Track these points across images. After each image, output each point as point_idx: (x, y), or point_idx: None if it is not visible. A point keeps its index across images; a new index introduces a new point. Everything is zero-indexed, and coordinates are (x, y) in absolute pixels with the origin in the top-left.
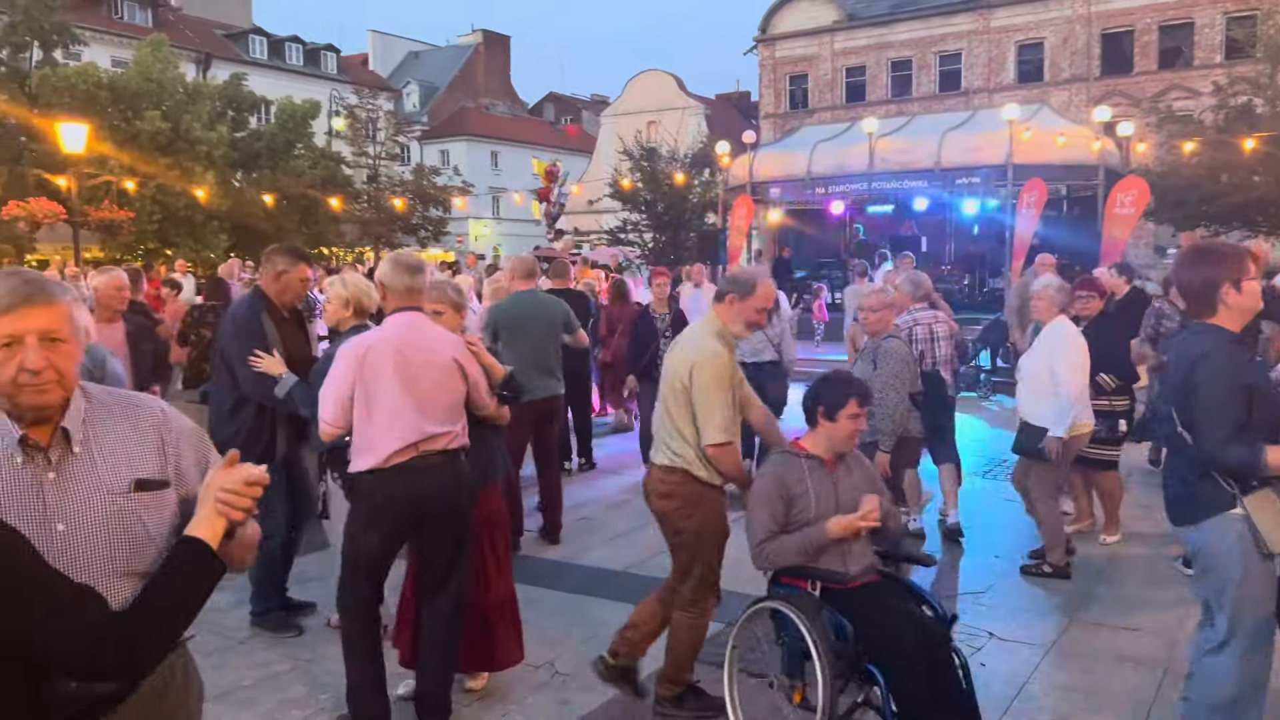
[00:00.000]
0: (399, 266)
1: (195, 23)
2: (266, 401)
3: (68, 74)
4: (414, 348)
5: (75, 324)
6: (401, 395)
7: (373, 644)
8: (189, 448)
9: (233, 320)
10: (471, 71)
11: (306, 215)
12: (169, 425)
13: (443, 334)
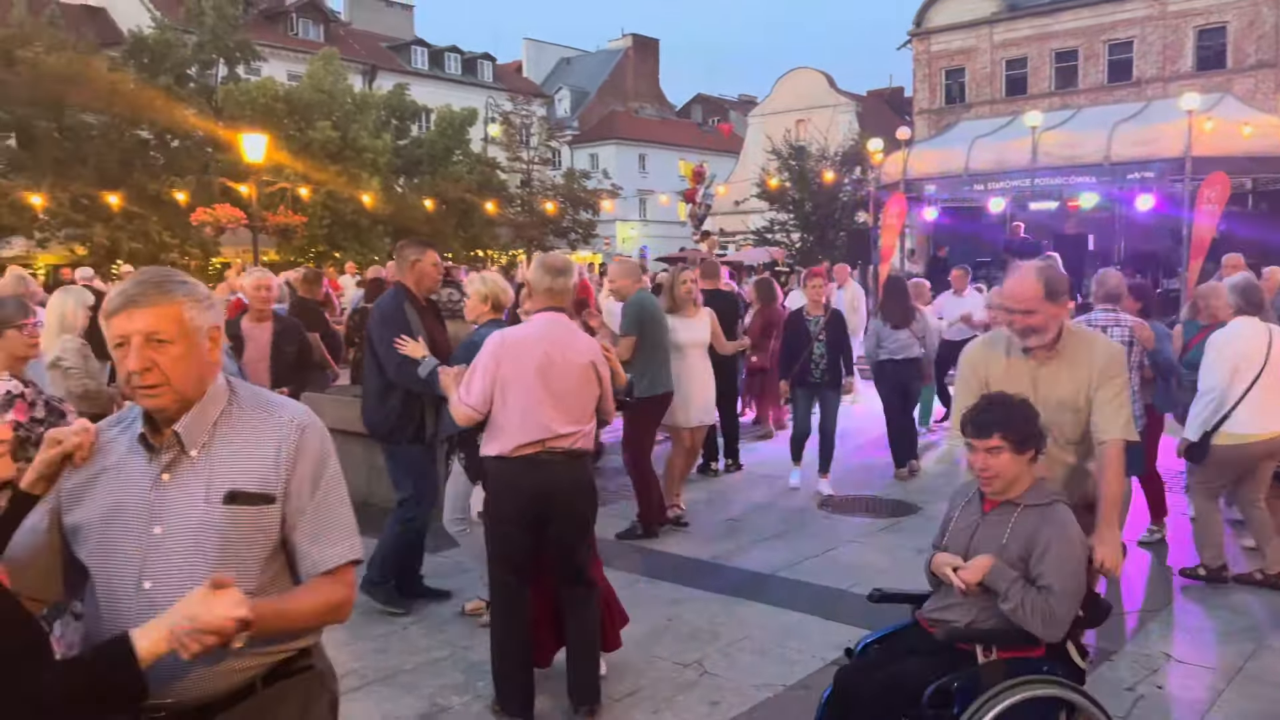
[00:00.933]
0: (543, 268)
1: (362, 36)
2: (412, 385)
3: (249, 88)
4: (558, 347)
5: (186, 325)
6: (538, 391)
7: (518, 630)
8: (308, 464)
9: (379, 311)
10: (621, 76)
11: (463, 219)
12: (290, 437)
13: (584, 337)
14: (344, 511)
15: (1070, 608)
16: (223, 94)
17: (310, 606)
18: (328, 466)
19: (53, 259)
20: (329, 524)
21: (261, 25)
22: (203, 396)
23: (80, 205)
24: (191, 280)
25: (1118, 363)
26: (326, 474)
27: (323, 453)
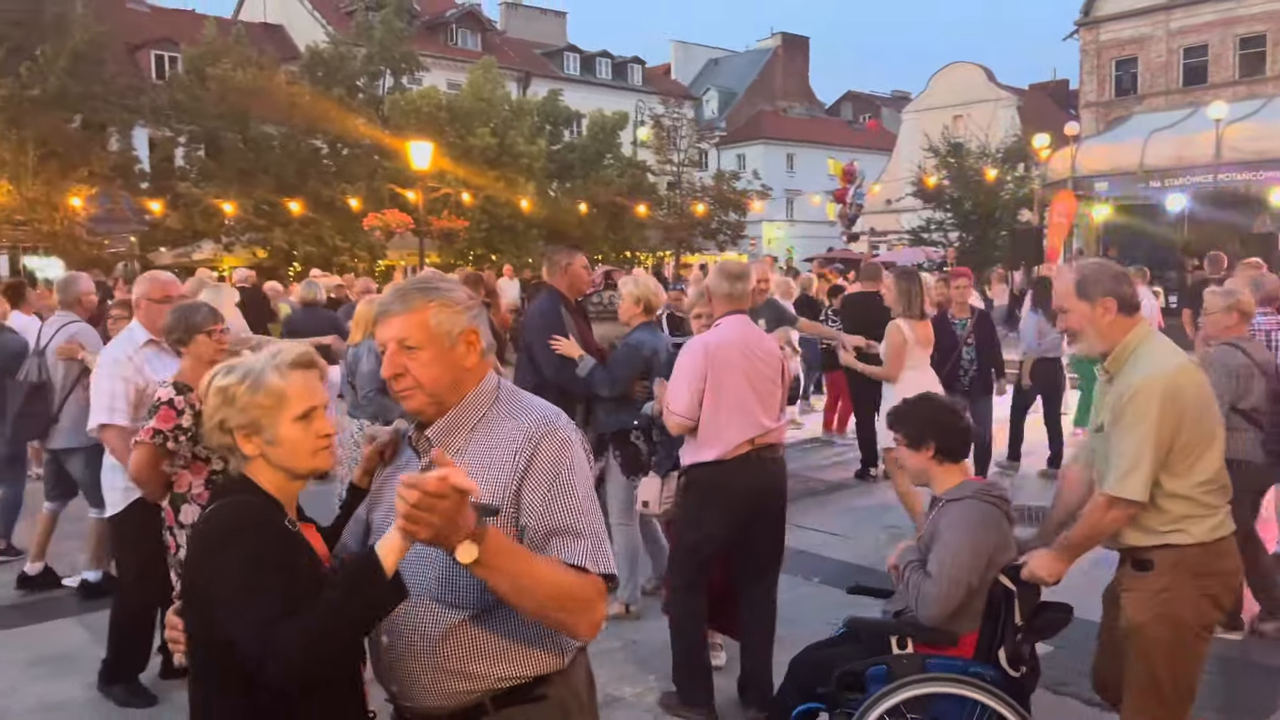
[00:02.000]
0: (722, 274)
1: (517, 44)
2: (569, 384)
3: (413, 98)
4: (753, 347)
5: (433, 331)
6: (746, 391)
7: (699, 624)
8: (539, 475)
9: (537, 313)
10: (769, 75)
11: (613, 222)
12: (524, 450)
13: (768, 337)
14: (584, 521)
15: (944, 593)
16: (389, 104)
17: (549, 576)
18: (559, 478)
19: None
20: (565, 531)
21: (423, 36)
22: (461, 400)
23: (261, 211)
24: (447, 286)
25: (1142, 401)
26: (559, 484)
27: (556, 464)
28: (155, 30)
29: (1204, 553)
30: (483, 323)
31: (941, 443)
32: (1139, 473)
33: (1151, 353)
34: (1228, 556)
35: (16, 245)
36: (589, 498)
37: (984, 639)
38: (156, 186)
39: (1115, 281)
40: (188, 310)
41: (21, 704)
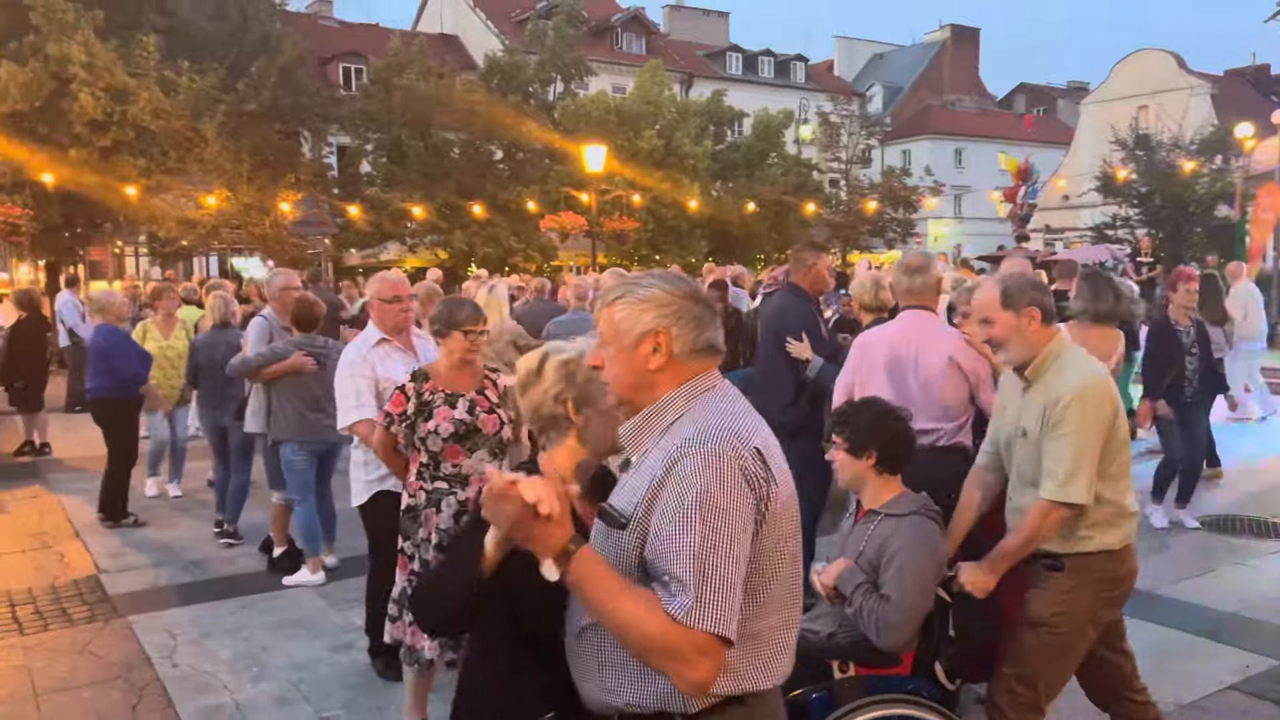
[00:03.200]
0: (901, 269)
1: (680, 46)
2: (826, 384)
3: (584, 102)
4: (910, 345)
5: (616, 328)
6: (885, 389)
7: None
8: (667, 500)
9: (794, 313)
10: (937, 68)
11: (777, 221)
12: (664, 463)
13: (945, 333)
14: (693, 567)
15: (907, 619)
16: (560, 109)
17: (635, 619)
18: (680, 509)
19: (419, 262)
20: (670, 572)
21: (590, 42)
22: (653, 403)
23: (443, 214)
24: (647, 284)
25: (1078, 407)
26: (678, 515)
27: (683, 492)
28: (344, 44)
29: (1110, 559)
30: (687, 324)
31: (885, 451)
32: (1082, 476)
33: (1075, 361)
34: (1129, 561)
35: (229, 247)
36: (713, 539)
37: (922, 654)
38: (346, 191)
39: (1038, 292)
40: (454, 305)
41: (275, 661)
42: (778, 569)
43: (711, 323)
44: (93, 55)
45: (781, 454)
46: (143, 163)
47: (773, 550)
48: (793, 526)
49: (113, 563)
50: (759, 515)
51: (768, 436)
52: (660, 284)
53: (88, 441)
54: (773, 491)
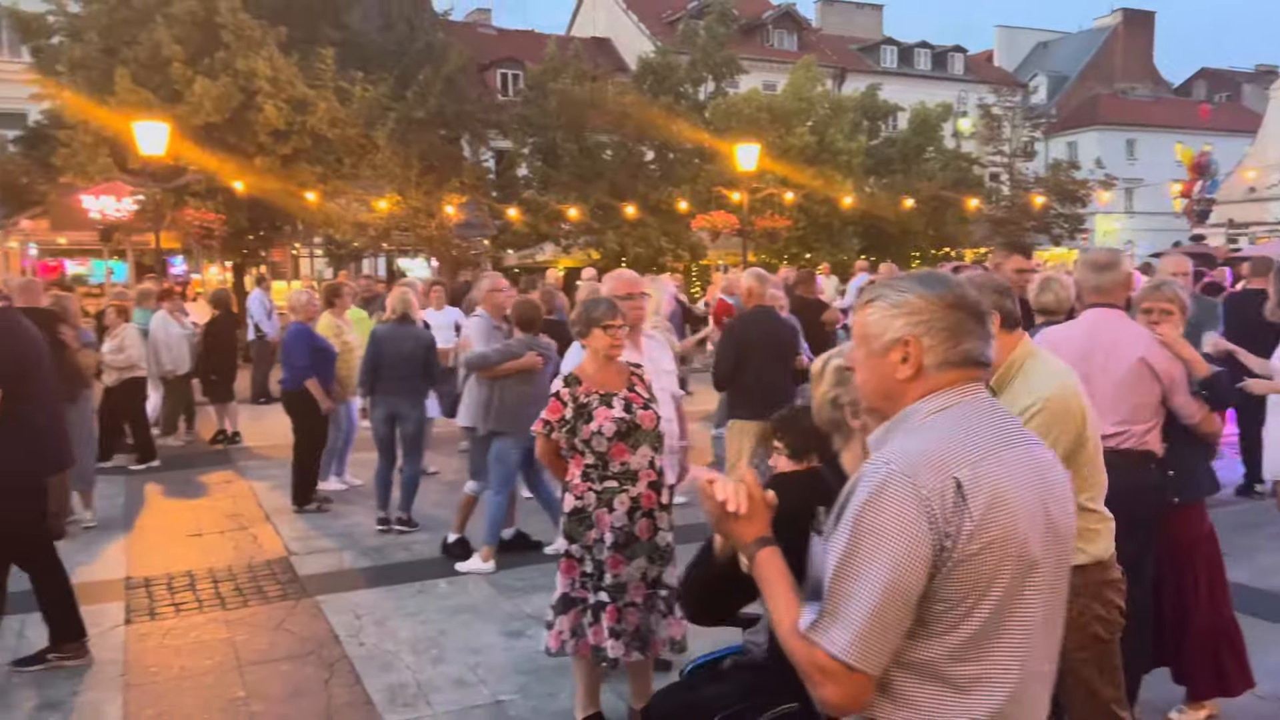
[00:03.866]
0: (1087, 265)
1: (833, 40)
2: None
3: (734, 101)
4: (1098, 344)
5: (866, 330)
6: None
7: None
8: (843, 518)
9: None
10: (1107, 55)
11: (934, 217)
12: (852, 484)
13: (1135, 332)
14: (834, 590)
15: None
16: (711, 108)
17: (779, 613)
18: (844, 530)
19: (572, 262)
20: (823, 578)
21: (741, 40)
22: (897, 414)
23: (596, 215)
24: (903, 288)
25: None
26: (840, 536)
27: (853, 516)
28: (501, 51)
29: (1102, 569)
30: (940, 333)
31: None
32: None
33: (1042, 367)
34: (1114, 567)
35: (397, 249)
36: (856, 561)
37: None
38: (504, 194)
39: (1000, 295)
40: (589, 305)
41: (452, 644)
42: (991, 617)
43: (974, 332)
44: (276, 69)
45: (1021, 490)
46: (320, 169)
47: (973, 592)
48: (1020, 573)
49: (301, 545)
50: (938, 550)
51: (990, 468)
52: (917, 288)
53: (271, 430)
54: (966, 529)
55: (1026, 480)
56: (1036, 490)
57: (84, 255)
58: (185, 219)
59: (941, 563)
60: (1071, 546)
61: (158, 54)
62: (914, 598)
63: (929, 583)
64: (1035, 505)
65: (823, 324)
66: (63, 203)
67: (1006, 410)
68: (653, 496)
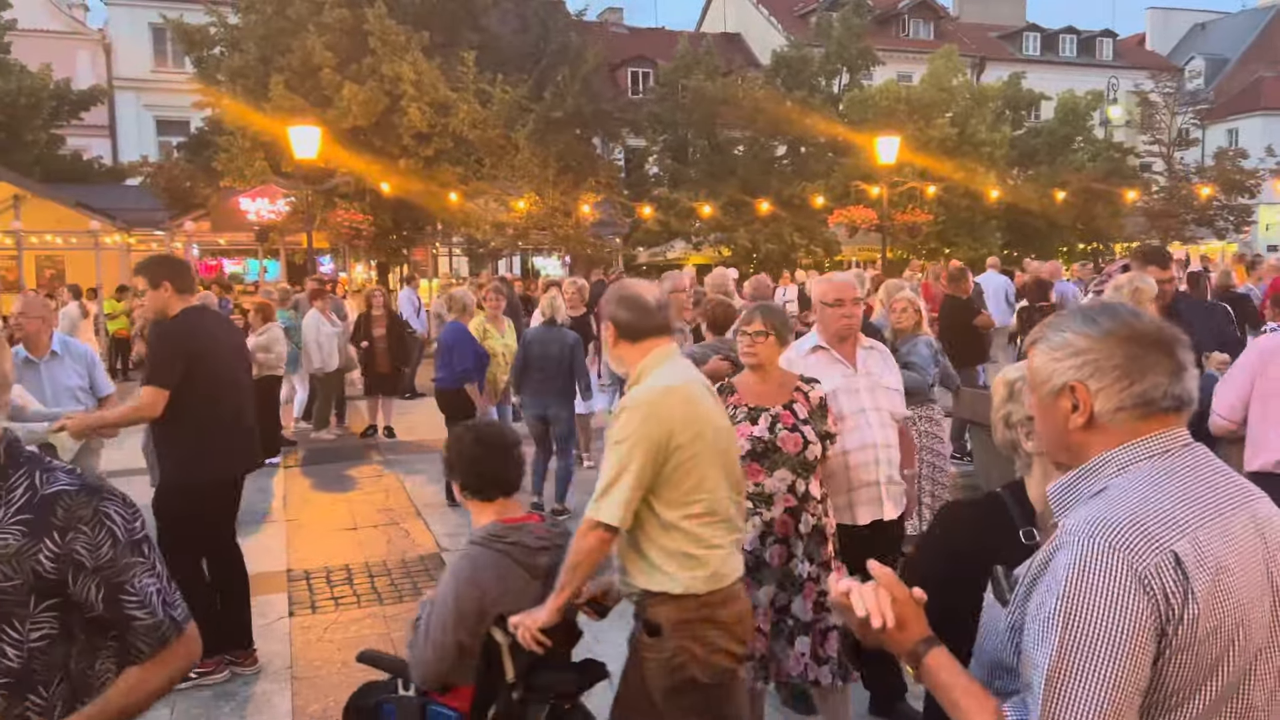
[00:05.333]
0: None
1: (970, 29)
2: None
3: (871, 93)
4: None
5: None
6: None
7: None
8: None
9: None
10: (1271, 35)
11: (1084, 210)
12: (1049, 554)
13: None
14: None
15: (430, 656)
16: (847, 101)
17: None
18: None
19: (702, 259)
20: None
21: (876, 31)
22: (1080, 468)
23: (727, 211)
24: (1066, 326)
25: (624, 419)
26: (1045, 616)
27: (1052, 588)
28: (632, 49)
29: (701, 605)
30: (1110, 375)
31: (465, 478)
32: (616, 493)
33: (654, 375)
34: (731, 602)
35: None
36: (1073, 659)
37: (479, 695)
38: (635, 192)
39: (617, 305)
40: (732, 307)
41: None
42: (1198, 700)
43: (1157, 367)
44: (420, 73)
45: (1246, 562)
46: (461, 170)
47: (1188, 685)
48: (1244, 663)
49: (452, 541)
50: (1162, 635)
51: (1210, 538)
52: (1081, 326)
53: (417, 425)
54: (1191, 612)
55: (1251, 549)
56: (1262, 560)
57: (240, 255)
58: (335, 219)
59: (1163, 651)
60: None
61: (309, 61)
62: (1140, 686)
63: (1160, 671)
64: (1261, 580)
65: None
66: (222, 205)
67: (1221, 463)
68: (789, 523)
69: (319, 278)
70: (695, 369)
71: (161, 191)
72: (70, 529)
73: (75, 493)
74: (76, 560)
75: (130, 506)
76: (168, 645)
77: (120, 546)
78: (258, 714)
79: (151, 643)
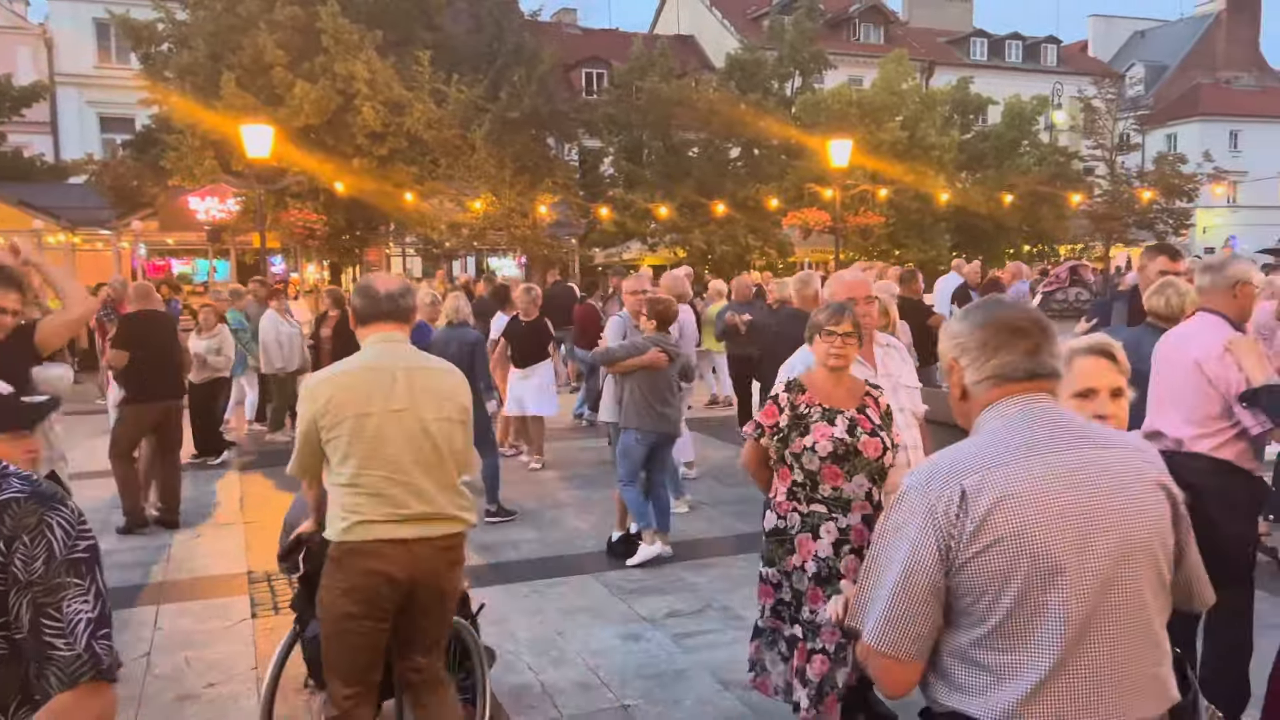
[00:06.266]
0: (1199, 267)
1: (920, 33)
2: None
3: (823, 96)
4: (1176, 347)
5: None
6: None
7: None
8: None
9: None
10: (1209, 44)
11: (1030, 212)
12: None
13: (1204, 340)
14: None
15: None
16: (800, 104)
17: None
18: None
19: (658, 260)
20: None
21: (827, 34)
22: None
23: (682, 213)
24: (960, 316)
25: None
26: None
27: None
28: (586, 50)
29: (341, 551)
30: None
31: None
32: (295, 455)
33: (352, 357)
34: (368, 558)
35: (491, 248)
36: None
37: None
38: (591, 193)
39: (355, 293)
40: (821, 308)
41: (571, 646)
42: (1013, 612)
43: (1011, 347)
44: (374, 72)
45: (1045, 495)
46: (416, 169)
47: (989, 588)
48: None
49: None
50: (945, 552)
51: (1002, 475)
52: (962, 317)
53: None
54: (968, 529)
55: (1048, 484)
56: (1076, 493)
57: (189, 255)
58: (288, 219)
59: (951, 562)
60: (1143, 541)
61: (260, 59)
62: (927, 592)
63: (947, 579)
64: (1071, 508)
65: (928, 329)
66: (171, 204)
67: (1070, 418)
68: (864, 532)
69: (261, 279)
70: (408, 355)
71: (107, 190)
72: (16, 538)
73: (24, 500)
74: (13, 573)
75: (80, 523)
76: (75, 687)
77: (54, 563)
78: (224, 716)
79: (62, 679)
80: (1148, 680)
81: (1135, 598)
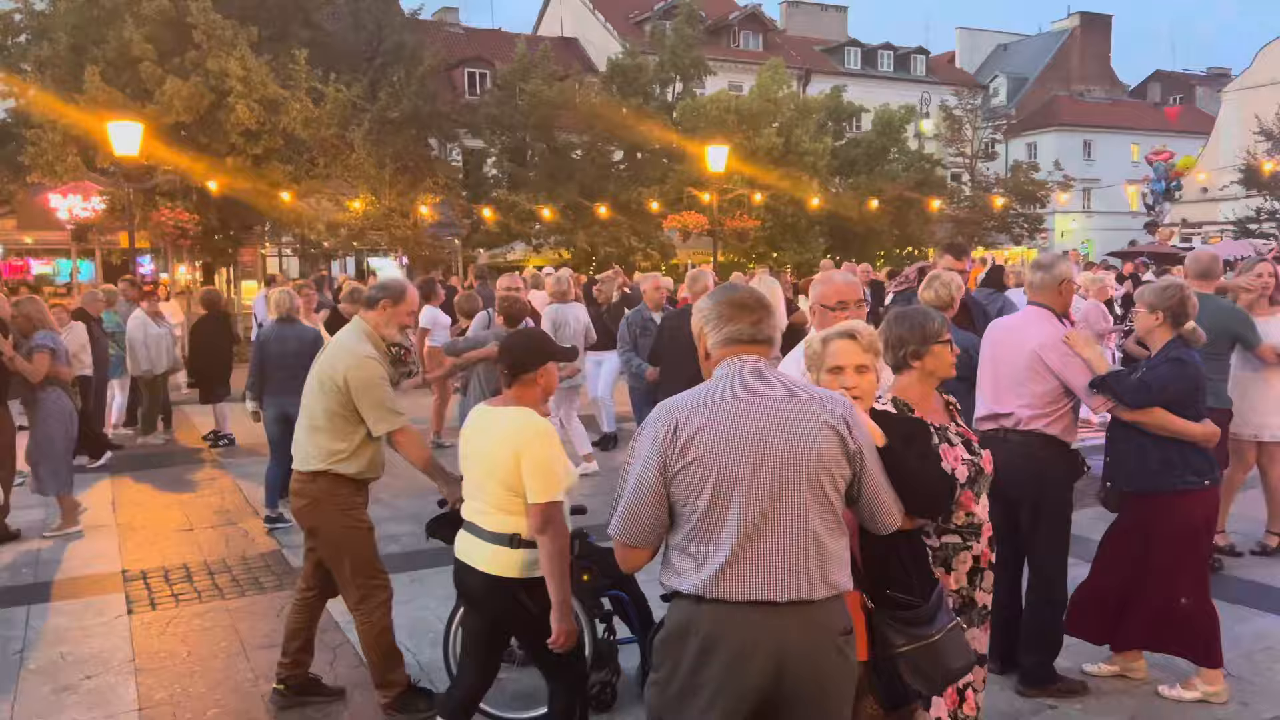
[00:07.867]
0: (1031, 264)
1: (797, 42)
2: None
3: (702, 102)
4: (1011, 335)
5: None
6: (988, 376)
7: None
8: None
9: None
10: (1065, 58)
11: (898, 217)
12: None
13: (1041, 331)
14: (620, 494)
15: None
16: (680, 109)
17: None
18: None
19: (542, 261)
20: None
21: (707, 41)
22: None
23: (566, 214)
24: (708, 297)
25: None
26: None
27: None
28: (468, 50)
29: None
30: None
31: None
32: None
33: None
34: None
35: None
36: (625, 471)
37: None
38: (474, 194)
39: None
40: (921, 317)
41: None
42: (709, 513)
43: (738, 318)
44: (248, 69)
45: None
46: (291, 169)
47: (691, 495)
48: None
49: (289, 539)
50: (665, 466)
51: (703, 413)
52: (710, 298)
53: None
54: (677, 450)
55: (744, 423)
56: (756, 427)
57: (50, 255)
58: (158, 219)
59: (667, 474)
60: (805, 466)
61: (127, 53)
62: (650, 494)
63: (666, 487)
64: (750, 438)
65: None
66: (30, 202)
67: (769, 374)
68: (989, 554)
69: (131, 279)
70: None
71: None
72: None
73: None
74: None
75: None
76: None
77: None
78: (103, 705)
79: None
80: (811, 570)
81: (798, 508)
